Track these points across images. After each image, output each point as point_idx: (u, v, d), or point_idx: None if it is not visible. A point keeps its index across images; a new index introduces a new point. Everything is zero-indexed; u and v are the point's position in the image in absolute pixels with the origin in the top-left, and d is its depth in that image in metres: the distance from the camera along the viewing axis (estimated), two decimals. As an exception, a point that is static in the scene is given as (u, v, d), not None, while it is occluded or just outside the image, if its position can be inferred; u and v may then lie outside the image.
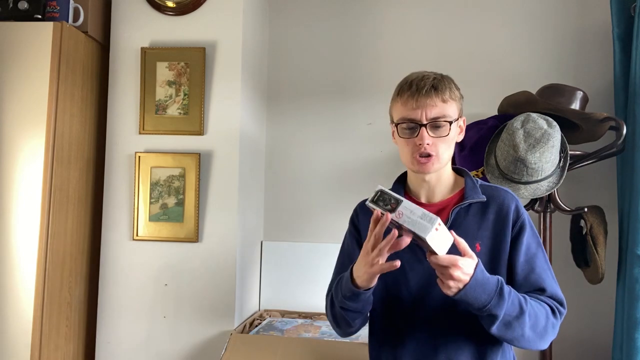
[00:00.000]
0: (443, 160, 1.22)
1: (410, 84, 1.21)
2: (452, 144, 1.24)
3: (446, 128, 1.20)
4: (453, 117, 1.21)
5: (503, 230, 1.21)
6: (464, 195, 1.24)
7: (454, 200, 1.26)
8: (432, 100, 1.18)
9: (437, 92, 1.19)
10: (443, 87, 1.20)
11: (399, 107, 1.23)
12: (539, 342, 1.15)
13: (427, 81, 1.20)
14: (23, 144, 1.91)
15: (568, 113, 1.93)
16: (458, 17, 2.42)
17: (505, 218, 1.22)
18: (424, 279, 1.20)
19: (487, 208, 1.23)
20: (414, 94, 1.19)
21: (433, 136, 1.19)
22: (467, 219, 1.22)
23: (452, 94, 1.22)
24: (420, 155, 1.20)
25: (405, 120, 1.21)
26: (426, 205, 1.25)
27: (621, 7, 2.08)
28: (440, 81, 1.21)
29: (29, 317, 1.85)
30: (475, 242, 1.19)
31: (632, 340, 1.86)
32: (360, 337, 1.95)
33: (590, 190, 2.24)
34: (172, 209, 2.10)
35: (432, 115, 1.19)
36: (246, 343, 1.94)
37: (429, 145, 1.18)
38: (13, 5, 1.98)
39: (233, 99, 2.12)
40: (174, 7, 2.15)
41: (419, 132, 1.19)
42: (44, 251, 1.90)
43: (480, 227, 1.21)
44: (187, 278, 2.10)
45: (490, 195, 1.24)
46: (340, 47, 2.50)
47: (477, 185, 1.26)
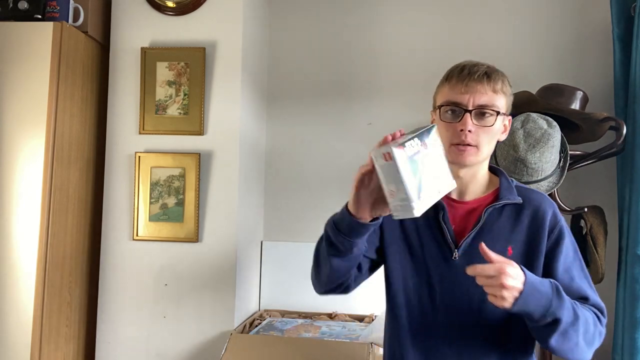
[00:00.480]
0: (482, 153, 1.13)
1: (462, 68, 1.14)
2: (495, 139, 1.15)
3: (492, 118, 1.11)
4: (501, 110, 1.12)
5: (538, 236, 1.13)
6: (498, 195, 1.16)
7: (487, 199, 1.17)
8: (483, 87, 1.10)
9: (489, 80, 1.11)
10: (496, 77, 1.13)
11: (445, 91, 1.15)
12: (587, 351, 1.06)
13: (480, 67, 1.13)
14: (23, 144, 1.91)
15: (568, 113, 1.93)
16: (458, 17, 2.42)
17: (542, 224, 1.14)
18: (450, 282, 1.13)
19: (522, 211, 1.15)
20: (465, 77, 1.11)
21: (476, 124, 1.10)
22: (499, 221, 1.14)
23: (504, 87, 1.14)
24: (459, 144, 1.10)
25: (449, 104, 1.13)
26: (458, 202, 1.18)
27: (621, 7, 2.08)
28: (494, 71, 1.14)
29: (29, 317, 1.85)
30: (508, 245, 1.12)
31: (632, 340, 1.86)
32: (361, 337, 1.95)
33: (590, 190, 2.24)
34: (172, 209, 2.10)
35: (479, 102, 1.10)
36: (246, 343, 1.94)
37: (470, 134, 1.09)
38: (13, 5, 1.97)
39: (233, 98, 2.12)
40: (174, 7, 2.15)
41: (463, 117, 1.10)
42: (44, 251, 1.90)
43: (513, 230, 1.14)
44: (187, 278, 2.10)
45: (526, 197, 1.17)
46: (340, 47, 2.50)
47: (512, 186, 1.19)
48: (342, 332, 2.03)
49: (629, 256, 1.91)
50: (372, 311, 2.29)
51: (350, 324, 2.18)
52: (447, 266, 1.13)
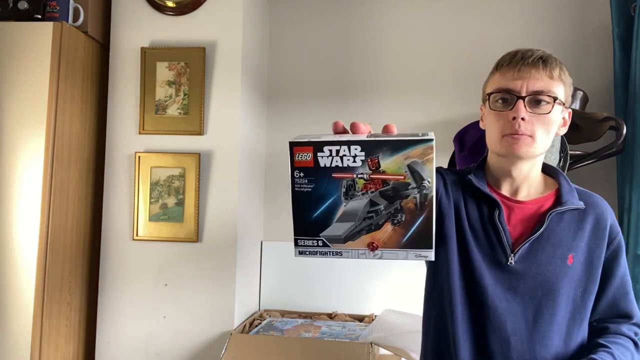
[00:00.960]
0: (538, 145, 1.01)
1: (515, 53, 1.05)
2: (552, 131, 1.03)
3: (548, 106, 1.00)
4: (559, 97, 1.01)
5: (600, 245, 1.05)
6: (560, 197, 1.06)
7: (547, 202, 1.07)
8: (538, 72, 1.00)
9: (545, 65, 1.01)
10: (553, 62, 1.02)
11: (497, 78, 1.05)
12: None
13: (535, 52, 1.03)
14: (23, 144, 1.91)
15: (568, 113, 1.93)
16: (458, 17, 2.42)
17: (603, 231, 1.06)
18: (503, 287, 1.02)
19: (585, 217, 1.06)
20: (517, 62, 1.02)
21: (530, 112, 0.99)
22: (560, 226, 1.04)
23: (562, 74, 1.03)
24: (512, 134, 0.99)
25: (500, 91, 1.02)
26: (513, 202, 1.07)
27: (621, 7, 2.08)
28: (550, 56, 1.04)
29: (29, 317, 1.85)
30: (569, 253, 1.03)
31: (632, 340, 1.86)
32: (361, 337, 1.95)
33: (590, 190, 2.24)
34: (172, 209, 2.10)
35: (534, 89, 1.00)
36: (246, 343, 1.94)
37: (524, 122, 0.99)
38: (13, 5, 1.97)
39: (233, 98, 2.12)
40: (174, 7, 2.15)
41: (515, 104, 1.00)
42: (44, 251, 1.90)
43: (575, 237, 1.04)
44: (187, 278, 2.10)
45: (588, 202, 1.08)
46: (340, 47, 2.50)
47: (573, 189, 1.09)
48: (342, 332, 2.03)
49: (629, 256, 1.91)
50: (372, 311, 2.30)
51: (350, 324, 2.18)
52: (500, 270, 1.03)
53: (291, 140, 0.73)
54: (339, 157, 0.73)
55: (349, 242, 0.75)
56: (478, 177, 1.10)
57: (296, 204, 0.76)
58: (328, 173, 0.74)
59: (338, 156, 0.73)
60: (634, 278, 1.88)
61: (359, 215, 0.74)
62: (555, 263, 1.02)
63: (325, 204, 0.76)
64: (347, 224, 0.75)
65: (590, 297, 1.05)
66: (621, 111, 2.07)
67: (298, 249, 0.78)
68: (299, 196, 0.76)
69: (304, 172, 0.74)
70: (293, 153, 0.74)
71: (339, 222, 0.75)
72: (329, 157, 0.73)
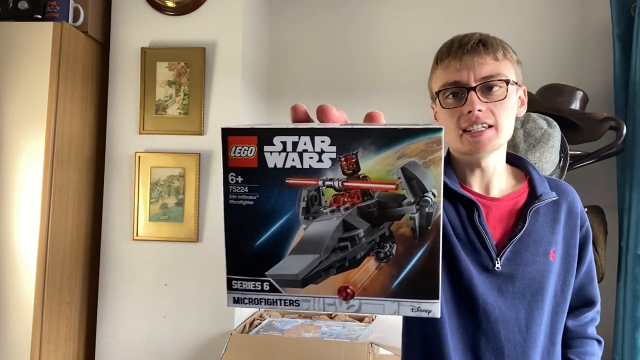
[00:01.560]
0: (503, 133, 0.95)
1: (451, 43, 0.98)
2: (513, 115, 0.97)
3: (502, 90, 0.93)
4: (510, 78, 0.95)
5: (574, 235, 1.02)
6: (535, 190, 1.00)
7: (522, 196, 1.01)
8: (482, 57, 0.94)
9: (486, 49, 0.95)
10: (494, 44, 0.96)
11: (440, 74, 0.98)
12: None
13: (472, 37, 0.96)
14: (23, 144, 1.91)
15: (568, 113, 1.93)
16: (458, 17, 2.42)
17: (576, 220, 1.03)
18: (493, 294, 0.97)
19: (559, 207, 1.02)
20: (457, 52, 0.95)
21: (486, 101, 0.93)
22: (539, 221, 0.99)
23: (506, 52, 0.96)
24: (469, 130, 0.93)
25: (447, 86, 0.95)
26: (489, 200, 1.01)
27: (621, 7, 2.08)
28: (490, 37, 0.97)
29: (29, 317, 1.85)
30: (550, 248, 0.99)
31: (632, 340, 1.86)
32: (361, 337, 1.95)
33: (590, 190, 2.24)
34: (172, 209, 2.10)
35: (482, 75, 0.93)
36: (246, 343, 1.94)
37: (481, 113, 0.92)
38: (13, 5, 1.97)
39: (233, 98, 2.12)
40: (174, 7, 2.15)
41: (467, 97, 0.93)
42: (44, 251, 1.90)
43: (553, 230, 1.00)
44: (187, 278, 2.10)
45: (559, 191, 1.03)
46: (340, 47, 2.50)
47: (544, 179, 1.04)
48: (342, 332, 2.03)
49: (629, 256, 1.91)
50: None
51: (350, 324, 2.18)
52: (488, 275, 0.97)
53: (225, 127, 0.47)
54: (297, 154, 0.47)
55: (309, 287, 0.49)
56: (449, 177, 1.01)
57: (230, 225, 0.49)
58: (280, 178, 0.48)
59: (295, 152, 0.47)
60: (635, 278, 1.88)
61: (326, 245, 0.48)
62: (540, 261, 0.99)
63: (275, 225, 0.49)
64: (307, 258, 0.49)
65: (569, 289, 1.02)
66: (621, 111, 2.07)
67: (232, 294, 0.50)
68: (234, 212, 0.49)
69: (242, 176, 0.48)
70: (227, 146, 0.48)
71: (295, 255, 0.48)
72: (281, 153, 0.47)
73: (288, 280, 0.48)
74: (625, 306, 1.91)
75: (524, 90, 1.02)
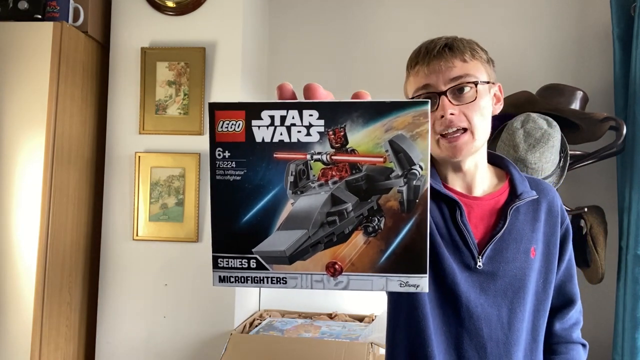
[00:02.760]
0: (480, 135, 0.96)
1: (419, 50, 0.99)
2: (487, 115, 0.97)
3: (472, 91, 0.94)
4: (480, 78, 0.95)
5: (555, 233, 1.03)
6: (515, 189, 1.02)
7: (502, 195, 1.02)
8: (449, 61, 0.95)
9: (452, 52, 0.95)
10: (460, 46, 0.97)
11: (411, 81, 1.00)
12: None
13: (438, 42, 0.97)
14: (23, 144, 1.91)
15: (568, 113, 1.93)
16: (458, 17, 2.42)
17: (556, 218, 1.04)
18: (475, 292, 0.97)
19: (539, 206, 1.03)
20: (424, 58, 0.96)
21: (457, 104, 0.94)
22: (519, 219, 1.01)
23: (474, 53, 0.97)
24: (446, 134, 0.94)
25: (419, 91, 0.97)
26: (471, 199, 1.02)
27: (621, 7, 2.08)
28: (456, 40, 0.98)
29: (29, 317, 1.85)
30: (531, 246, 1.00)
31: (632, 340, 1.86)
32: (361, 337, 1.95)
33: (590, 190, 2.24)
34: (172, 209, 2.10)
35: (450, 77, 0.94)
36: (246, 343, 1.94)
37: (455, 116, 0.93)
38: (13, 5, 1.97)
39: (233, 98, 2.12)
40: (174, 7, 2.15)
41: (439, 101, 0.94)
42: (44, 251, 1.90)
43: (534, 228, 1.01)
44: (187, 278, 2.10)
45: (539, 190, 1.04)
46: (340, 47, 2.50)
47: (524, 178, 1.05)
48: (342, 332, 2.03)
49: (629, 256, 1.91)
50: (372, 311, 2.29)
51: (350, 324, 2.18)
52: (470, 274, 0.98)
53: (212, 102, 0.49)
54: (285, 128, 0.48)
55: (297, 263, 0.48)
56: (433, 177, 1.03)
57: (216, 202, 0.49)
58: (267, 152, 0.48)
59: (283, 126, 0.48)
60: (635, 278, 1.88)
61: (314, 219, 0.48)
62: (521, 259, 0.99)
63: (262, 201, 0.48)
64: (295, 234, 0.48)
65: (550, 287, 1.03)
66: (621, 111, 2.07)
67: (218, 273, 0.50)
68: (220, 188, 0.49)
69: (230, 151, 0.49)
70: (214, 121, 0.49)
71: (282, 231, 0.48)
72: (269, 127, 0.48)
73: (275, 257, 0.48)
74: (625, 306, 1.91)
75: (498, 87, 1.02)
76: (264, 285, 0.49)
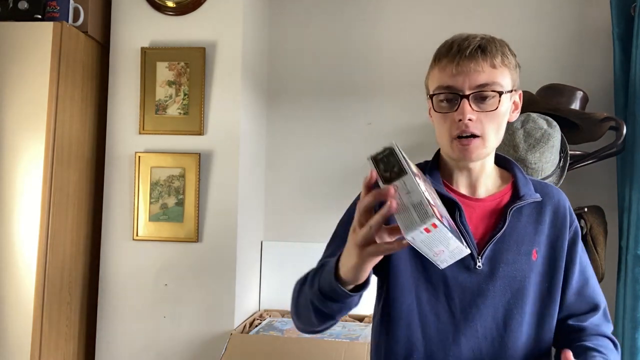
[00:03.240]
0: (490, 144, 0.97)
1: (451, 45, 0.97)
2: (504, 123, 0.98)
3: (495, 100, 0.94)
4: (505, 87, 0.95)
5: (561, 236, 1.02)
6: (518, 191, 1.02)
7: (505, 197, 1.03)
8: (478, 65, 0.93)
9: (485, 55, 0.94)
10: (493, 49, 0.95)
11: (436, 75, 0.98)
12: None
13: (472, 41, 0.95)
14: (23, 144, 1.91)
15: (568, 113, 1.93)
16: (458, 17, 2.42)
17: (563, 221, 1.03)
18: (472, 293, 0.97)
19: (543, 209, 1.03)
20: (455, 56, 0.94)
21: (477, 110, 0.94)
22: (521, 221, 1.01)
23: (505, 58, 0.96)
24: (460, 137, 0.95)
25: (442, 90, 0.96)
26: (472, 200, 1.03)
27: (621, 7, 2.08)
28: (489, 42, 0.96)
29: (29, 317, 1.85)
30: (533, 248, 1.00)
31: (632, 340, 1.86)
32: (361, 337, 1.95)
33: (590, 190, 2.24)
34: (172, 209, 2.10)
35: (477, 83, 0.93)
36: (246, 343, 1.94)
37: (471, 122, 0.93)
38: (13, 5, 1.97)
39: (233, 98, 2.12)
40: (174, 7, 2.15)
41: (460, 104, 0.94)
42: (44, 251, 1.90)
43: (536, 231, 1.01)
44: (187, 278, 2.10)
45: (544, 193, 1.04)
46: (340, 47, 2.50)
47: (529, 181, 1.05)
48: (342, 332, 2.03)
49: (629, 256, 1.91)
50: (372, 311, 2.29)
51: (350, 324, 2.18)
52: (468, 275, 0.98)
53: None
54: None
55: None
56: (433, 177, 1.04)
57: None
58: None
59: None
60: (635, 278, 1.88)
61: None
62: (521, 260, 0.99)
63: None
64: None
65: (557, 291, 1.02)
66: (621, 111, 2.07)
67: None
68: None
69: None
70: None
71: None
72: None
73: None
74: (625, 306, 1.91)
75: (519, 94, 1.03)
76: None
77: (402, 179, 0.73)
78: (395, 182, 0.74)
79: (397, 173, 0.74)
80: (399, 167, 0.74)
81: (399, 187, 0.73)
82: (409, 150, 0.87)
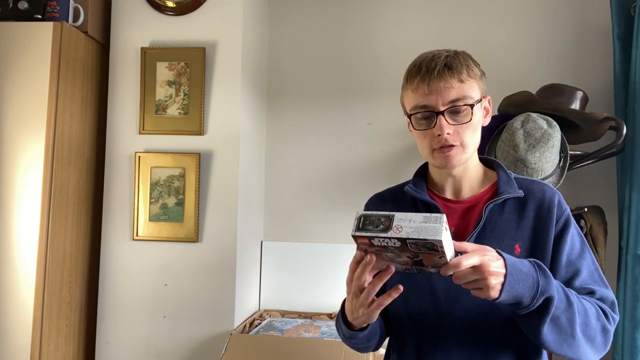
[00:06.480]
0: (469, 149, 1.05)
1: (420, 67, 1.05)
2: (478, 129, 1.06)
3: (468, 112, 1.02)
4: (475, 98, 1.03)
5: (546, 229, 1.04)
6: (498, 189, 1.08)
7: (486, 195, 1.09)
8: (447, 82, 1.01)
9: (452, 72, 1.02)
10: (458, 65, 1.03)
11: (410, 95, 1.06)
12: (588, 348, 0.96)
13: (438, 60, 1.03)
14: (23, 144, 1.91)
15: (568, 113, 1.93)
16: (458, 17, 2.42)
17: (548, 215, 1.05)
18: (453, 285, 0.98)
19: (526, 204, 1.06)
20: (425, 77, 1.02)
21: (453, 124, 1.02)
22: (502, 217, 1.05)
23: (470, 71, 1.04)
24: (441, 147, 1.03)
25: (418, 109, 1.04)
26: (454, 202, 1.10)
27: (621, 7, 2.08)
28: (454, 59, 1.04)
29: (29, 317, 1.85)
30: (515, 243, 1.03)
31: (632, 340, 1.86)
32: (360, 337, 1.95)
33: (590, 190, 2.24)
34: (172, 209, 2.10)
35: (449, 99, 1.01)
36: (246, 343, 1.94)
37: (450, 135, 1.01)
38: (13, 5, 1.98)
39: (233, 98, 2.12)
40: (174, 7, 2.15)
41: (437, 121, 1.01)
42: (44, 251, 1.90)
43: (519, 225, 1.05)
44: (187, 278, 2.10)
45: (528, 189, 1.08)
46: (340, 47, 2.50)
47: (512, 179, 1.10)
48: (342, 332, 2.03)
49: (629, 256, 1.91)
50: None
51: (350, 324, 2.18)
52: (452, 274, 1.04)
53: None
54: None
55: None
56: (417, 186, 1.13)
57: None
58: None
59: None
60: (635, 278, 1.88)
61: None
62: None
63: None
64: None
65: None
66: (621, 111, 2.07)
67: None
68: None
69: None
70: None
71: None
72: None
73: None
74: (625, 306, 1.91)
75: (488, 100, 1.11)
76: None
77: (397, 218, 0.84)
78: (395, 224, 0.84)
79: (388, 219, 0.84)
80: (384, 216, 0.85)
81: (402, 225, 0.83)
82: (409, 150, 0.88)
